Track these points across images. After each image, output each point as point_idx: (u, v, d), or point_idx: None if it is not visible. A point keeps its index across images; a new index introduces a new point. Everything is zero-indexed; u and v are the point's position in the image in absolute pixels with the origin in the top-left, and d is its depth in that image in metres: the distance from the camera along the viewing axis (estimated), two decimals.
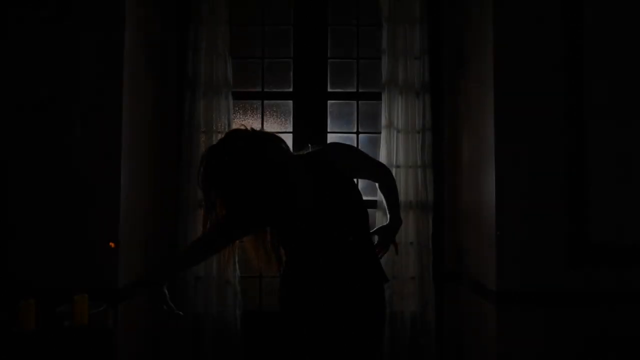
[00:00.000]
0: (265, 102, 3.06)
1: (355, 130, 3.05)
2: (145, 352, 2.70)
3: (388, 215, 2.07)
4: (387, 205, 2.07)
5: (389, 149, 2.82)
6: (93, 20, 2.31)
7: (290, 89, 3.05)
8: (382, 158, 2.83)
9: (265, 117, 3.06)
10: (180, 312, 1.84)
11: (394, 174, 2.73)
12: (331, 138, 3.02)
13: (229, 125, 2.84)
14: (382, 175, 2.04)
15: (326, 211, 1.76)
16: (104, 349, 1.89)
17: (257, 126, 3.02)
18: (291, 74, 3.05)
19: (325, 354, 1.75)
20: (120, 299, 1.87)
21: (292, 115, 3.04)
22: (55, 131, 2.28)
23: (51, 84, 2.29)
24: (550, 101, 2.38)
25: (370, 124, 3.06)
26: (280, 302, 1.85)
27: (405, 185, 2.80)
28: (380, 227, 2.08)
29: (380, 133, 2.87)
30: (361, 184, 2.70)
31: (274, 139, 1.82)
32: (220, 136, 2.80)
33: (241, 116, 3.07)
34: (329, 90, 3.06)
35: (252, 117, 3.08)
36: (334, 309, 1.75)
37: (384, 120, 2.85)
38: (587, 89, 2.37)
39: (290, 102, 3.05)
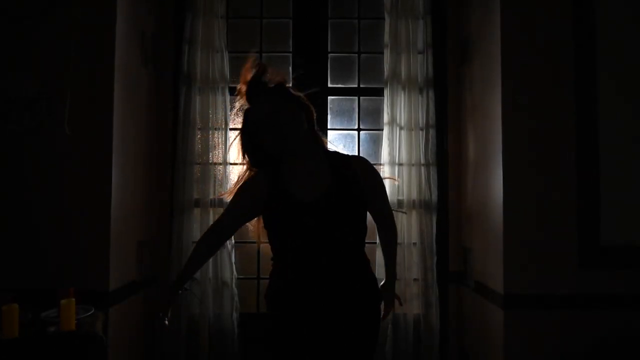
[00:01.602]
0: None
1: (356, 127, 2.97)
2: (137, 357, 2.63)
3: (385, 271, 1.98)
4: (386, 259, 2.00)
5: (391, 147, 2.76)
6: (83, 13, 2.24)
7: (290, 84, 2.96)
8: (385, 156, 2.76)
9: None
10: (167, 322, 1.80)
11: (396, 172, 2.74)
12: (331, 135, 2.96)
13: (226, 122, 2.78)
14: (388, 219, 1.96)
15: (334, 210, 1.72)
16: (93, 356, 1.81)
17: None
18: (290, 68, 2.97)
19: (324, 354, 1.71)
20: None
21: None
22: (44, 129, 2.21)
23: (40, 80, 2.22)
24: (560, 97, 2.31)
25: (371, 120, 2.99)
26: (272, 300, 1.79)
27: (409, 184, 2.74)
28: (381, 286, 1.98)
29: (382, 130, 2.81)
30: None
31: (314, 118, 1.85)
32: (217, 133, 2.75)
33: (238, 112, 2.97)
34: (329, 85, 2.98)
35: None
36: (334, 308, 1.71)
37: (386, 117, 2.78)
38: (599, 85, 2.30)
39: None
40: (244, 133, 1.82)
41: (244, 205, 1.83)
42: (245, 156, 1.84)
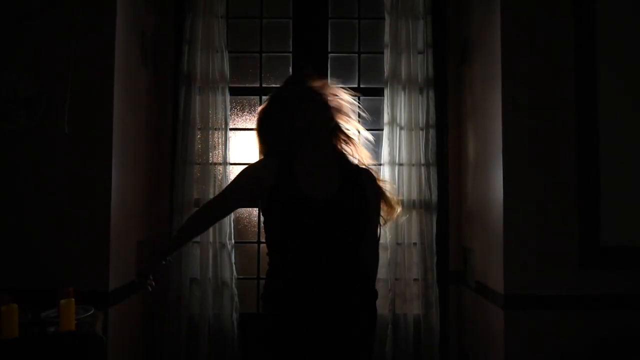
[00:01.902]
0: (264, 97, 2.96)
1: None
2: (137, 357, 2.63)
3: None
4: None
5: (391, 147, 2.76)
6: (83, 12, 2.24)
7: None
8: (385, 156, 2.76)
9: None
10: (150, 288, 1.83)
11: (396, 172, 2.75)
12: None
13: (226, 122, 2.78)
14: (373, 243, 1.91)
15: (336, 211, 1.73)
16: (93, 356, 1.80)
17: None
18: (290, 69, 2.97)
19: (324, 354, 1.72)
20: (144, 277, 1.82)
21: None
22: (43, 128, 2.21)
23: (40, 79, 2.21)
24: (560, 97, 2.31)
25: (371, 120, 2.97)
26: (272, 300, 1.77)
27: (409, 184, 2.74)
28: None
29: (382, 130, 2.81)
30: None
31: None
32: (217, 133, 2.75)
33: (238, 112, 2.99)
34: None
35: (250, 113, 3.00)
36: (335, 307, 1.72)
37: (386, 117, 2.78)
38: (599, 85, 2.29)
39: None
40: (268, 112, 1.84)
41: (245, 188, 1.82)
42: (260, 141, 1.85)
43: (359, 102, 2.91)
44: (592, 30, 2.30)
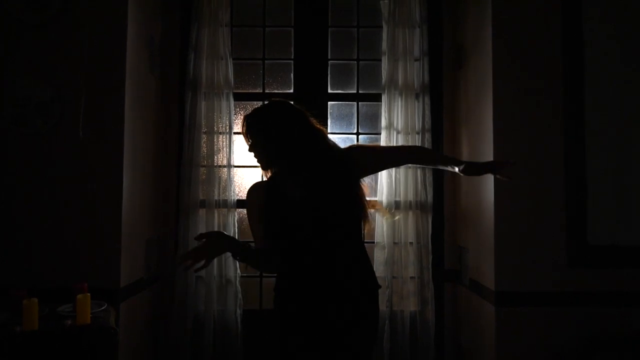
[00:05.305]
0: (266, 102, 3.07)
1: (355, 131, 3.07)
2: (146, 350, 2.72)
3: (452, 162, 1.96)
4: (439, 158, 2.21)
5: None
6: (95, 21, 2.33)
7: (291, 90, 3.06)
8: None
9: None
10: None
11: (393, 174, 2.80)
12: (331, 139, 3.02)
13: (230, 126, 2.86)
14: (408, 150, 2.15)
15: (327, 204, 1.77)
16: (106, 348, 1.90)
17: None
18: (292, 75, 3.06)
19: (332, 346, 1.77)
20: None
21: None
22: (58, 131, 2.29)
23: (54, 85, 2.30)
24: (549, 102, 2.40)
25: (370, 125, 3.08)
26: (280, 298, 1.84)
27: (405, 185, 2.82)
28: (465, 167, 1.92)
29: (380, 134, 2.89)
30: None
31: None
32: (222, 137, 2.85)
33: (242, 116, 3.07)
34: (330, 91, 3.07)
35: None
36: (342, 301, 1.77)
37: (383, 122, 2.87)
38: (586, 90, 2.39)
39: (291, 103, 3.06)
40: (288, 127, 1.91)
41: (259, 217, 1.87)
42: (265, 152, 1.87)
43: (357, 107, 3.04)
44: (579, 37, 2.39)
